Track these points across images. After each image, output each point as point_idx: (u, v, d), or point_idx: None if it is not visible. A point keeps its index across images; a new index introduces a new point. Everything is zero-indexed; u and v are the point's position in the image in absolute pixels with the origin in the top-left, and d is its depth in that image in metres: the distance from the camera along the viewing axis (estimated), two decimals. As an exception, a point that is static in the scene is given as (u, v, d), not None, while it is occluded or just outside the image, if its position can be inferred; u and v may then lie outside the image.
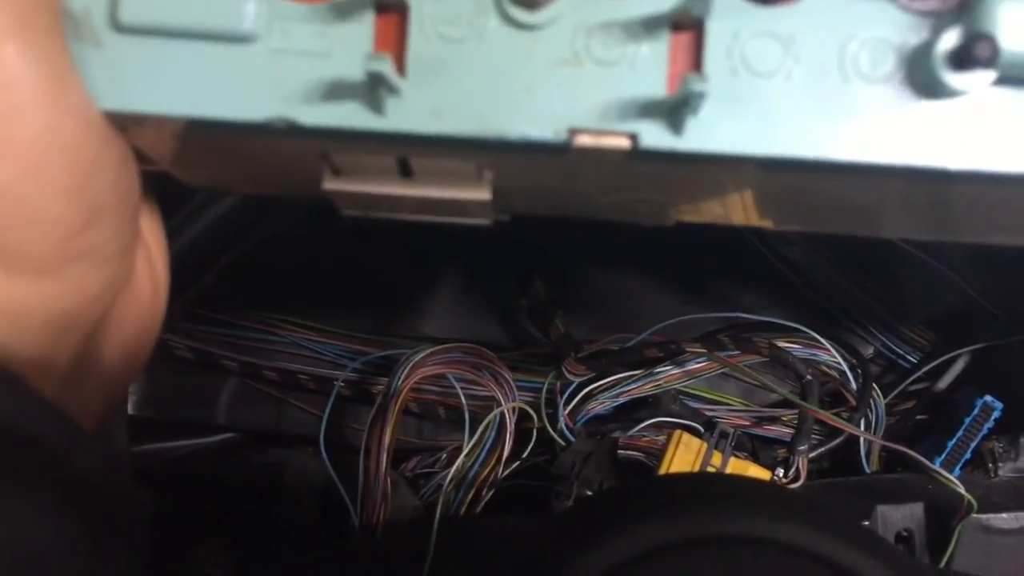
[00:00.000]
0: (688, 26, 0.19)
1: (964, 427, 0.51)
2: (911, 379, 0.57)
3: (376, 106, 0.19)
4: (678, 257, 0.59)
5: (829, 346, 0.54)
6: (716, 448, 0.50)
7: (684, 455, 0.50)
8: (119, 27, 0.19)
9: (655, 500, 0.29)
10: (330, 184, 0.22)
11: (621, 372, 0.55)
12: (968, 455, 0.51)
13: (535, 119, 0.19)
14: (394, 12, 0.19)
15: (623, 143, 0.19)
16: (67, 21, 0.19)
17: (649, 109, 0.19)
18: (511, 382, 0.54)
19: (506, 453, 0.53)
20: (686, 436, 0.50)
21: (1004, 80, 0.18)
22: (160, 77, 0.19)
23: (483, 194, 0.22)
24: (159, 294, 0.24)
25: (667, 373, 0.56)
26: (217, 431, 0.59)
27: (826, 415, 0.51)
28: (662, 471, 0.49)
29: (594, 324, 0.58)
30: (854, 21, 0.19)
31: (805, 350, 0.55)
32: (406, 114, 0.19)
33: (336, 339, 0.59)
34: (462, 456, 0.52)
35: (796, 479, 0.50)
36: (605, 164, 0.20)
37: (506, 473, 0.53)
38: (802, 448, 0.51)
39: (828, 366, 0.55)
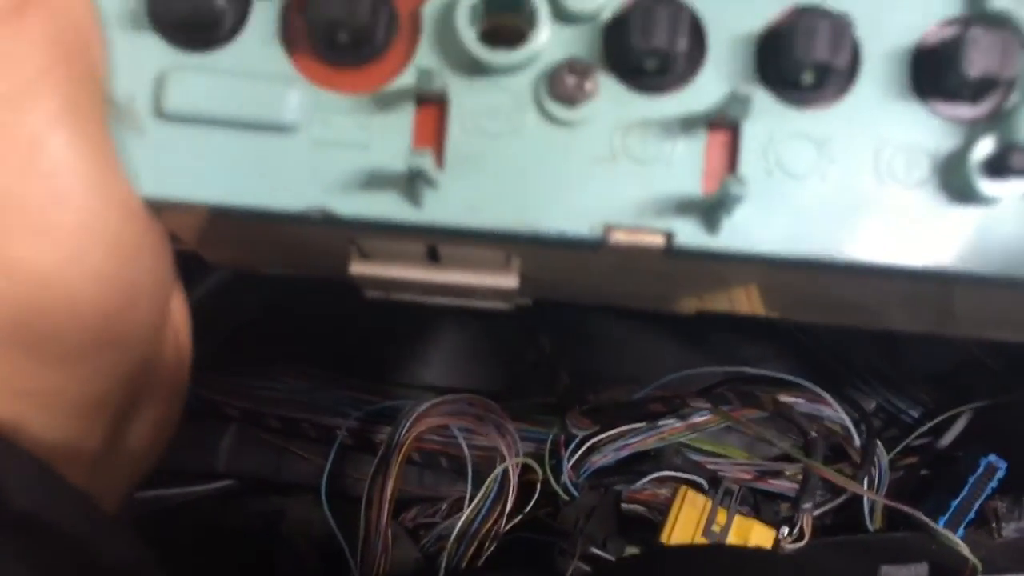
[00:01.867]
0: (724, 126, 0.19)
1: (968, 487, 0.51)
2: (914, 435, 0.57)
3: (414, 198, 0.19)
4: (681, 309, 0.59)
5: (832, 401, 0.54)
6: (720, 505, 0.50)
7: (689, 512, 0.49)
8: (162, 115, 0.19)
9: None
10: (357, 268, 0.22)
11: (625, 425, 0.55)
12: (972, 515, 0.51)
13: (571, 215, 0.19)
14: (434, 105, 0.19)
15: (658, 241, 0.19)
16: (110, 108, 0.19)
17: (684, 207, 0.19)
18: (514, 434, 0.54)
19: (509, 507, 0.52)
20: (691, 493, 0.50)
21: (1039, 189, 0.18)
22: (200, 165, 0.19)
23: (510, 281, 0.22)
24: (183, 367, 0.24)
25: (670, 426, 0.56)
26: (217, 478, 0.59)
27: (831, 474, 0.51)
28: (667, 529, 0.49)
29: (598, 376, 0.58)
30: (889, 126, 0.19)
31: (808, 404, 0.55)
32: (443, 207, 0.19)
33: (338, 388, 0.58)
34: (465, 511, 0.52)
35: (801, 537, 0.50)
36: (634, 260, 0.20)
37: (508, 527, 0.53)
38: (807, 506, 0.51)
39: (831, 421, 0.55)
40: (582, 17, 0.19)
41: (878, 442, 0.54)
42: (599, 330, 0.60)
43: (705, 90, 0.19)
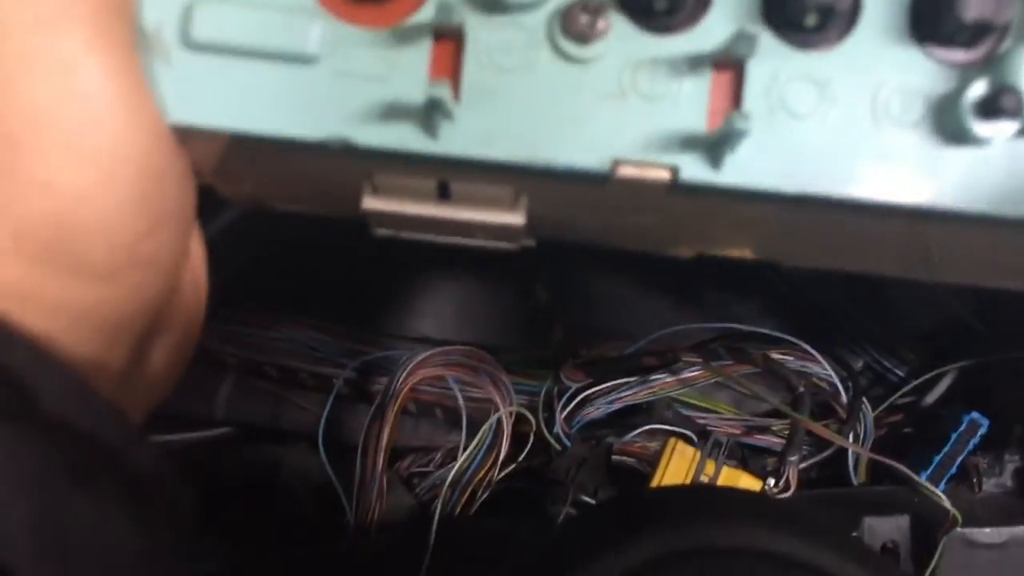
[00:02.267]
0: (729, 66, 0.20)
1: (950, 443, 0.52)
2: (899, 393, 0.58)
3: (430, 129, 0.20)
4: (676, 265, 0.60)
5: (821, 359, 0.56)
6: (709, 457, 0.51)
7: (678, 463, 0.51)
8: (189, 44, 0.20)
9: (653, 513, 0.30)
10: (369, 203, 0.23)
11: (617, 378, 0.56)
12: (954, 470, 0.52)
13: (581, 148, 0.20)
14: (451, 40, 0.20)
15: (663, 175, 0.20)
16: (139, 36, 0.20)
17: (689, 143, 0.20)
18: (509, 386, 0.55)
19: (502, 456, 0.53)
20: (680, 444, 0.51)
21: (1028, 130, 0.19)
22: (225, 93, 0.20)
23: (517, 218, 0.23)
24: (200, 301, 0.25)
25: (662, 381, 0.57)
26: (215, 426, 0.60)
27: (817, 427, 0.52)
28: (656, 479, 0.50)
29: (592, 330, 0.59)
30: (886, 68, 0.20)
31: (797, 362, 0.56)
32: (458, 138, 0.20)
33: (336, 337, 0.59)
34: (459, 458, 0.53)
35: (787, 489, 0.51)
36: (641, 195, 0.21)
37: (501, 476, 0.54)
38: (793, 458, 0.52)
39: (819, 378, 0.56)
40: (595, -43, 0.20)
41: (864, 399, 0.55)
42: (594, 285, 0.61)
43: (712, 30, 0.20)
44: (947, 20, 0.19)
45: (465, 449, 0.53)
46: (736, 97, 0.20)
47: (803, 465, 0.53)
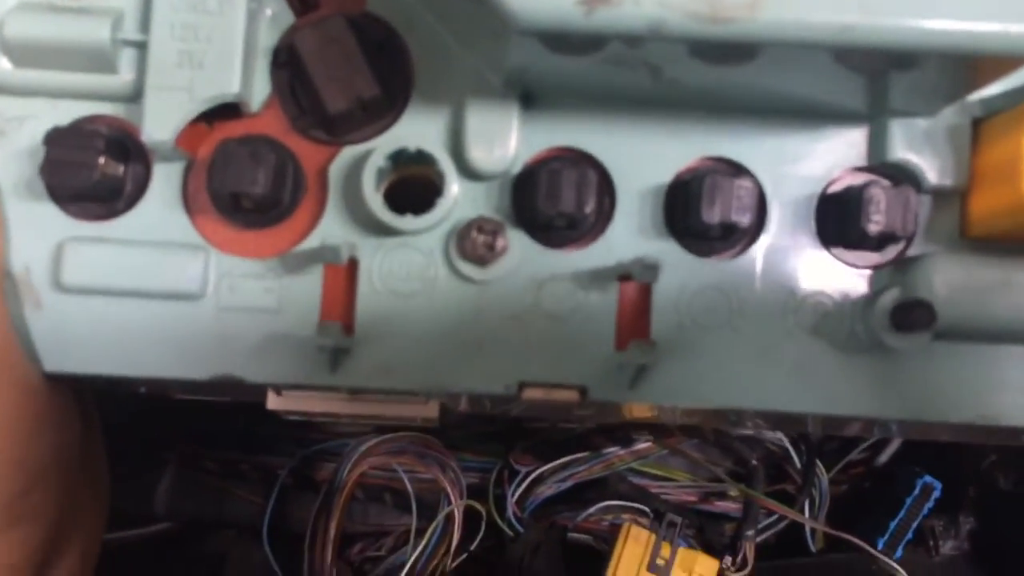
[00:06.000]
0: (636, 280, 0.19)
1: (905, 508, 0.52)
2: (856, 451, 0.58)
3: (327, 364, 0.19)
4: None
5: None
6: (664, 539, 0.50)
7: (633, 548, 0.50)
8: (60, 287, 0.19)
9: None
10: (274, 404, 0.22)
11: (569, 456, 0.55)
12: (910, 535, 0.52)
13: (484, 374, 0.19)
14: (343, 265, 0.19)
15: (572, 396, 0.19)
16: (7, 280, 0.18)
17: (598, 363, 0.19)
18: (458, 471, 0.54)
19: (454, 545, 0.52)
20: (635, 529, 0.50)
21: (940, 336, 0.19)
22: (104, 336, 0.19)
23: (431, 412, 0.22)
24: (103, 508, 0.24)
25: (614, 454, 0.56)
26: (155, 521, 0.58)
27: (772, 503, 0.51)
28: (611, 567, 0.49)
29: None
30: (798, 274, 0.19)
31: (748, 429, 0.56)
32: (356, 371, 0.19)
33: (277, 426, 0.57)
34: (411, 550, 0.51)
35: (744, 566, 0.51)
36: (552, 404, 0.20)
37: (455, 564, 0.53)
38: (749, 534, 0.51)
39: (772, 443, 0.56)
40: (489, 175, 0.19)
41: (818, 462, 0.55)
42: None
43: (616, 243, 0.19)
44: (853, 229, 0.18)
45: (417, 533, 0.52)
46: (644, 313, 0.19)
47: (760, 538, 0.53)
